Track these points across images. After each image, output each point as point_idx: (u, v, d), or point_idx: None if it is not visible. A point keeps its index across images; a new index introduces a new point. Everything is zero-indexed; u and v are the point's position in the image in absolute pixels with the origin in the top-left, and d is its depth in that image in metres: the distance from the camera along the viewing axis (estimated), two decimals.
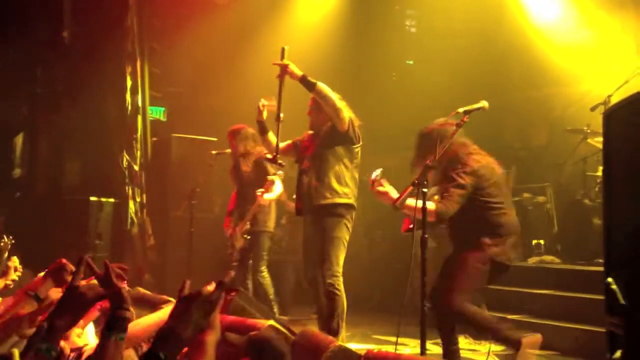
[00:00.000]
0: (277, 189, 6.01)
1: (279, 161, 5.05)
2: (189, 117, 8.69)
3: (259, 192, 5.88)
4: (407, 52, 8.82)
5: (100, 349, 2.07)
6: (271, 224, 6.21)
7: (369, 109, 5.26)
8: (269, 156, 5.07)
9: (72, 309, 1.82)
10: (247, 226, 6.07)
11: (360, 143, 5.03)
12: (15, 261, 3.33)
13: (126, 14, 8.17)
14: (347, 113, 4.91)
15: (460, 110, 4.20)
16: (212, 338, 2.09)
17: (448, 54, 8.15)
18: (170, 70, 8.83)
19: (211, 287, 1.70)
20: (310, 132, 5.20)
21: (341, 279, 4.89)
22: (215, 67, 8.67)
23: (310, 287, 5.09)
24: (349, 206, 4.96)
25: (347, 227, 4.95)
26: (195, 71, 8.87)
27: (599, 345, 2.84)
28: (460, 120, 4.17)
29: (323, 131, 5.04)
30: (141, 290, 5.99)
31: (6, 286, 3.32)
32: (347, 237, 4.95)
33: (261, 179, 5.98)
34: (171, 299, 4.89)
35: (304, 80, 4.82)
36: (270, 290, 6.10)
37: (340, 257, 4.91)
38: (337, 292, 4.84)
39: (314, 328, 4.05)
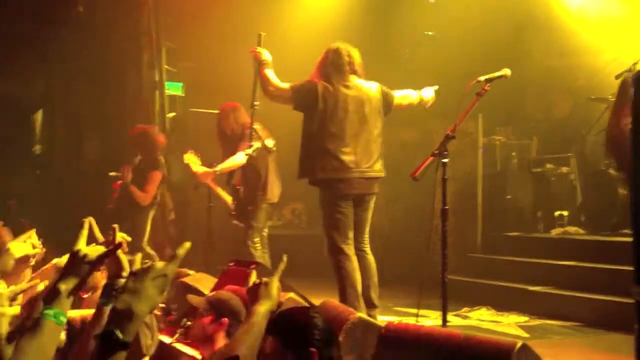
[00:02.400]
0: (228, 162, 5.89)
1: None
2: (206, 91, 8.64)
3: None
4: (426, 23, 8.66)
5: (95, 317, 2.09)
6: (269, 195, 6.03)
7: (388, 80, 5.16)
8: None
9: (75, 273, 1.80)
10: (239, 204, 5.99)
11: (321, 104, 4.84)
12: (33, 237, 3.31)
13: None
14: (288, 92, 4.88)
15: (482, 78, 4.12)
16: (263, 308, 2.10)
17: (468, 24, 7.98)
18: (186, 45, 8.78)
19: (162, 263, 1.63)
20: None
21: (343, 254, 4.82)
22: (230, 43, 8.60)
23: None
24: (320, 182, 4.94)
25: (328, 202, 4.90)
26: (211, 47, 8.80)
27: (625, 316, 2.77)
28: (482, 89, 4.09)
29: None
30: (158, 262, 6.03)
31: (28, 260, 3.31)
32: (334, 212, 4.85)
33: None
34: (190, 271, 4.94)
35: (258, 66, 4.98)
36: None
37: (332, 232, 4.85)
38: (334, 267, 4.84)
39: (334, 300, 4.03)
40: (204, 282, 4.73)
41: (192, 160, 6.04)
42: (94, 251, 1.86)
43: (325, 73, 4.88)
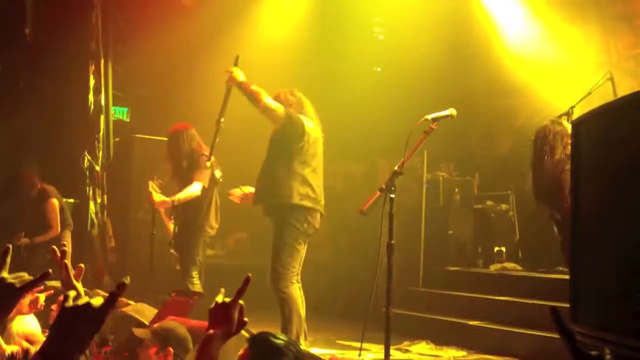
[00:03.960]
0: (186, 192, 5.78)
1: (207, 163, 5.29)
2: (152, 118, 8.57)
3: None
4: (375, 59, 8.85)
5: None
6: (209, 228, 5.98)
7: (336, 115, 5.26)
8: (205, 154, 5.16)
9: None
10: (179, 234, 5.88)
11: (305, 139, 4.94)
12: None
13: (91, 12, 8.03)
14: (282, 111, 4.89)
15: (429, 117, 4.22)
16: (220, 330, 2.07)
17: (414, 62, 8.21)
18: (135, 70, 8.70)
19: (99, 300, 1.56)
20: None
21: (294, 283, 4.86)
22: (180, 69, 8.58)
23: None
24: (290, 207, 4.91)
25: (292, 225, 4.90)
26: (160, 72, 8.75)
27: (560, 352, 2.85)
28: (429, 128, 4.19)
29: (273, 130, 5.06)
30: (100, 292, 5.87)
31: None
32: (294, 238, 4.89)
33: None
34: (131, 301, 4.83)
35: (240, 85, 4.92)
36: None
37: (284, 257, 4.86)
38: (284, 295, 4.83)
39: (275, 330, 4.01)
40: (144, 312, 4.63)
41: (154, 188, 5.92)
42: (18, 279, 1.80)
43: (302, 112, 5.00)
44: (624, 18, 7.78)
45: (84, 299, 1.54)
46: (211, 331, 2.08)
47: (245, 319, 2.08)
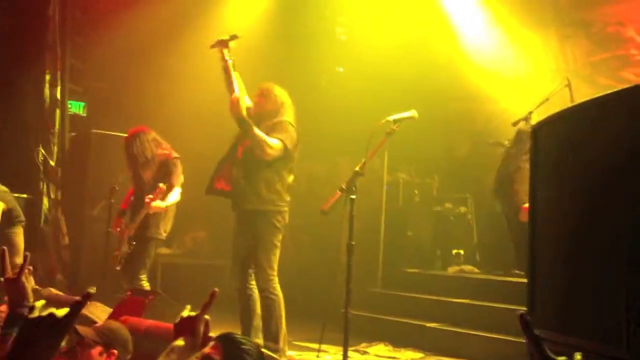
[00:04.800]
0: (172, 197, 5.62)
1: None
2: (110, 113, 8.40)
3: (147, 198, 5.50)
4: (337, 59, 8.85)
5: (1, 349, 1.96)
6: (163, 232, 5.81)
7: (299, 115, 5.21)
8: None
9: None
10: (133, 232, 5.70)
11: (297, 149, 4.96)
12: None
13: (48, 4, 7.82)
14: (281, 146, 4.81)
15: (390, 118, 4.22)
16: (185, 343, 2.02)
17: (377, 63, 8.24)
18: (93, 64, 8.52)
19: (62, 311, 1.52)
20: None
21: (276, 280, 4.85)
22: (139, 63, 8.42)
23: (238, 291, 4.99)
24: (276, 212, 4.90)
25: (278, 229, 4.89)
26: (119, 66, 8.59)
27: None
28: (391, 129, 4.19)
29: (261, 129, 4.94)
30: (53, 290, 5.71)
31: None
32: (278, 240, 4.89)
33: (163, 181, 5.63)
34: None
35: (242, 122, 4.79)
36: None
37: (273, 260, 4.85)
38: (272, 296, 4.80)
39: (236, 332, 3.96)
40: (98, 311, 4.53)
41: (158, 197, 5.68)
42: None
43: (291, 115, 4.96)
44: (581, 25, 7.95)
45: (48, 310, 1.50)
46: (178, 342, 2.03)
47: (211, 334, 2.05)
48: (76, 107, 8.66)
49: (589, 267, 2.11)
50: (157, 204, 5.47)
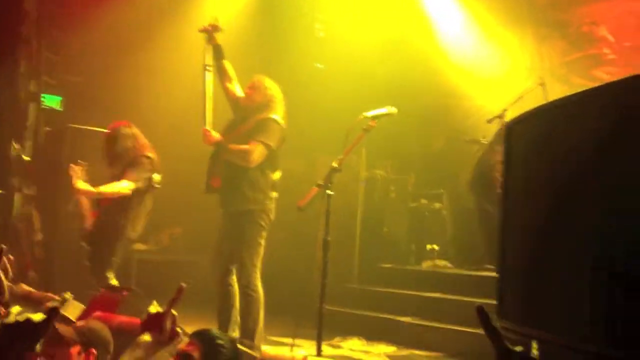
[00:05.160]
0: (112, 187, 5.40)
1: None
2: (87, 108, 8.31)
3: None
4: (316, 55, 8.86)
5: None
6: (131, 230, 5.61)
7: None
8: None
9: None
10: (98, 230, 5.56)
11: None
12: None
13: None
14: (265, 151, 4.82)
15: (368, 114, 4.24)
16: (152, 338, 2.02)
17: (355, 60, 8.27)
18: (69, 57, 8.42)
19: (38, 316, 1.53)
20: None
21: (258, 277, 4.87)
22: (118, 57, 8.35)
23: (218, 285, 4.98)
24: (261, 210, 4.89)
25: (262, 227, 4.90)
26: (96, 60, 8.50)
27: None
28: (368, 125, 4.21)
29: (246, 128, 4.91)
30: (25, 287, 5.64)
31: None
32: (262, 238, 4.90)
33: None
34: (56, 297, 4.68)
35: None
36: None
37: (256, 257, 4.85)
38: (253, 293, 4.81)
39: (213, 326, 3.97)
40: (71, 308, 4.49)
41: (77, 173, 5.59)
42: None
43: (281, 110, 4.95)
44: (557, 25, 8.05)
45: (24, 315, 1.50)
46: (144, 337, 2.04)
47: (178, 329, 2.06)
48: (52, 102, 8.56)
49: (556, 263, 2.15)
50: (84, 185, 5.33)
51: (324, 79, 8.71)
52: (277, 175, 4.98)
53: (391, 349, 5.79)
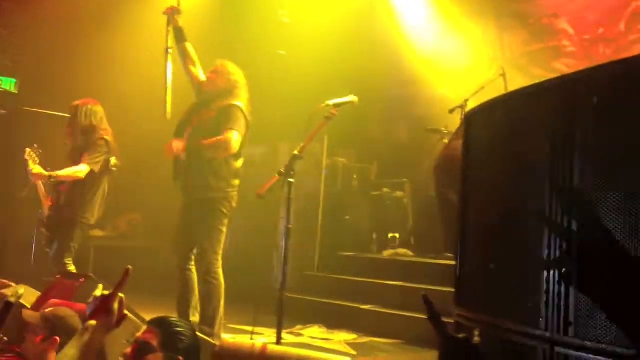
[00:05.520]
0: (68, 170, 5.39)
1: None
2: (43, 90, 8.11)
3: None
4: (279, 42, 8.80)
5: None
6: (90, 216, 5.57)
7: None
8: None
9: None
10: (56, 215, 5.52)
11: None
12: None
13: None
14: (239, 140, 4.81)
15: (330, 102, 4.22)
16: (99, 323, 1.99)
17: (319, 47, 8.23)
18: (25, 38, 8.20)
19: None
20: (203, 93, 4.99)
21: (219, 265, 4.84)
22: (76, 37, 8.16)
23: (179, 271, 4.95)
24: (223, 198, 4.86)
25: (224, 214, 4.87)
26: (54, 40, 8.29)
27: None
28: (330, 113, 4.19)
29: (210, 115, 4.84)
30: None
31: None
32: (224, 225, 4.87)
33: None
34: (12, 283, 4.57)
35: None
36: None
37: (217, 246, 4.82)
38: (214, 281, 4.78)
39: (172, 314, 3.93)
40: (26, 295, 4.40)
41: (32, 157, 5.50)
42: None
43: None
44: (518, 16, 8.14)
45: None
46: (90, 322, 2.01)
47: (125, 312, 2.02)
48: (7, 84, 8.34)
49: (510, 251, 2.18)
50: (39, 169, 5.30)
51: (286, 65, 8.66)
52: (239, 164, 4.95)
53: (352, 337, 5.82)
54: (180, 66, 5.12)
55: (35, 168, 5.36)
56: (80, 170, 5.37)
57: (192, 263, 4.90)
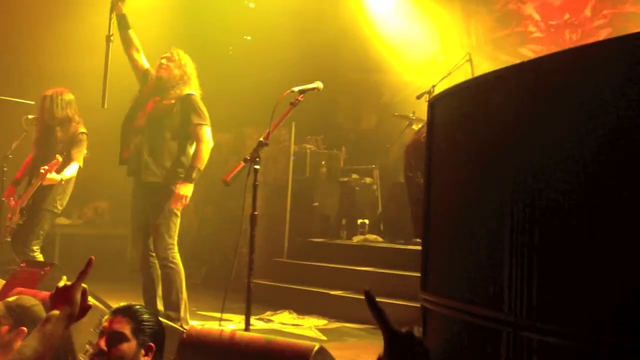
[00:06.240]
0: (69, 171, 5.43)
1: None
2: (3, 77, 7.94)
3: (42, 169, 5.24)
4: (245, 27, 8.73)
5: None
6: (59, 206, 5.62)
7: (204, 83, 5.12)
8: None
9: None
10: (27, 202, 5.45)
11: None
12: None
13: None
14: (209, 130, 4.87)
15: (295, 89, 4.19)
16: (62, 313, 1.96)
17: (285, 33, 8.19)
18: None
19: None
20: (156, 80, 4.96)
21: (176, 249, 4.83)
22: (34, 25, 7.99)
23: (140, 260, 4.94)
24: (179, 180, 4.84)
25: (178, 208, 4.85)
26: (7, 25, 8.10)
27: (415, 320, 2.97)
28: (295, 100, 4.17)
29: (168, 102, 4.83)
30: None
31: None
32: (179, 210, 4.86)
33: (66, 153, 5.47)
34: None
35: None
36: None
37: (172, 229, 4.81)
38: (172, 265, 4.76)
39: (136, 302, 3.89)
40: None
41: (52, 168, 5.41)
42: None
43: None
44: (485, 2, 8.19)
45: None
46: (53, 312, 1.98)
47: (90, 303, 2.00)
48: None
49: (475, 237, 2.20)
50: (53, 176, 5.25)
51: (253, 51, 8.60)
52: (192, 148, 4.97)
53: (322, 322, 5.85)
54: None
55: (51, 175, 5.25)
56: (75, 170, 5.47)
57: (153, 252, 4.89)
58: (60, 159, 5.22)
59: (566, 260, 1.88)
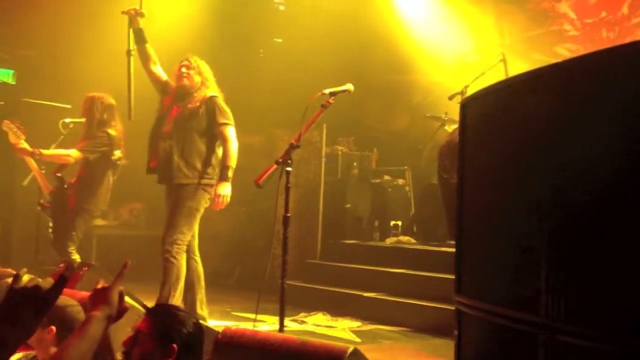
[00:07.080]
0: (63, 152, 5.55)
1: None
2: (41, 81, 8.11)
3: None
4: (275, 30, 8.77)
5: None
6: (94, 206, 5.70)
7: (236, 86, 5.18)
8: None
9: None
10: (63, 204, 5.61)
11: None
12: None
13: None
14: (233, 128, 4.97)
15: (326, 91, 4.20)
16: (101, 314, 2.00)
17: (315, 35, 8.20)
18: (22, 30, 8.18)
19: (48, 282, 1.50)
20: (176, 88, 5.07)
21: (182, 247, 4.88)
22: (71, 29, 8.13)
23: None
24: (206, 184, 4.97)
25: (203, 198, 4.95)
26: (50, 33, 8.27)
27: (449, 322, 2.96)
28: (326, 102, 4.18)
29: (194, 105, 4.94)
30: None
31: None
32: (197, 210, 4.94)
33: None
34: (13, 271, 4.59)
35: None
36: None
37: (185, 226, 4.86)
38: (172, 259, 4.81)
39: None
40: (46, 285, 4.41)
41: (12, 130, 5.55)
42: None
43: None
44: (516, 1, 8.09)
45: (33, 281, 1.47)
46: (93, 312, 2.01)
47: (126, 304, 2.02)
48: (5, 76, 8.34)
49: (510, 239, 2.18)
50: (25, 145, 5.44)
51: (284, 53, 8.63)
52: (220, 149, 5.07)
53: (356, 324, 5.84)
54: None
55: (21, 143, 5.43)
56: (69, 154, 5.54)
57: (195, 252, 4.96)
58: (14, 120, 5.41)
59: (604, 263, 1.85)
